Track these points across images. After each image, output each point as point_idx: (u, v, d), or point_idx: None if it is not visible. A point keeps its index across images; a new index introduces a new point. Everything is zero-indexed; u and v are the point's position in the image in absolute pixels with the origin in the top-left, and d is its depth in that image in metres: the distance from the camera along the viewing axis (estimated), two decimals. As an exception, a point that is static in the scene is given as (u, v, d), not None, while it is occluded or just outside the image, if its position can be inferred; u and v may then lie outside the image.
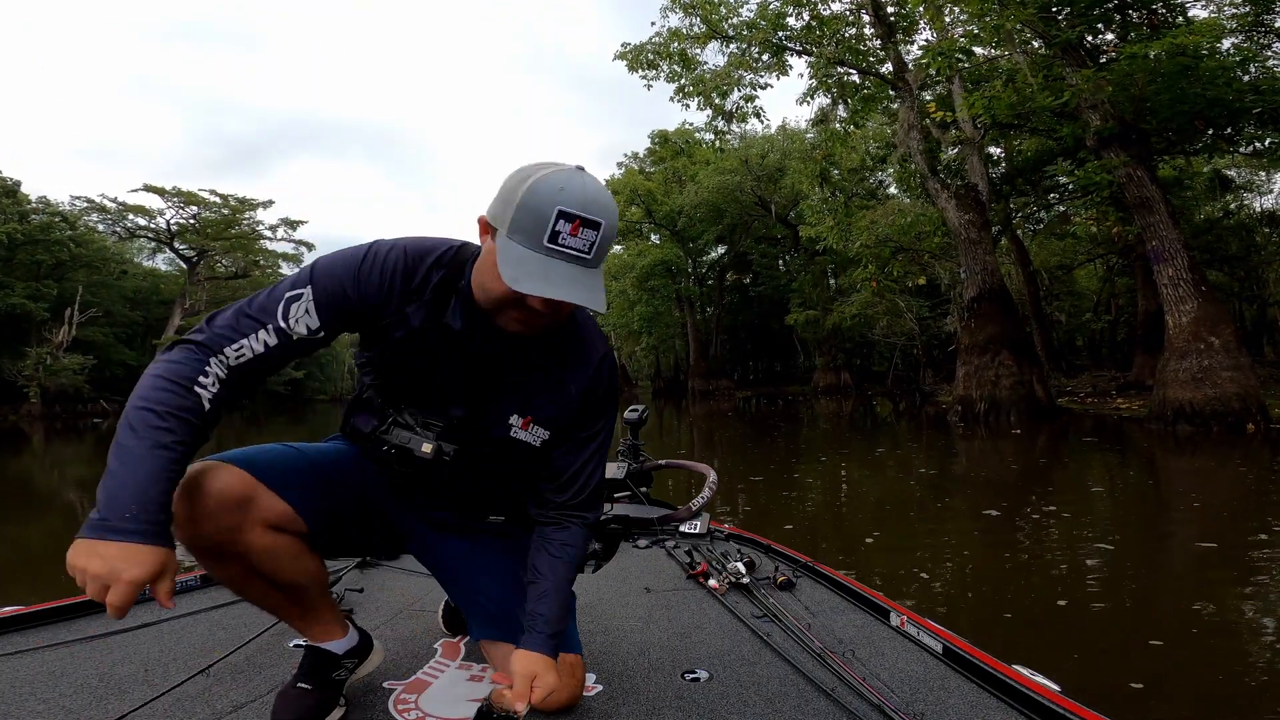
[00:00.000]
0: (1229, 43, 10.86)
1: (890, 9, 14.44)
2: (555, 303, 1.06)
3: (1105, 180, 10.57)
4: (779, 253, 35.10)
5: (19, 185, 30.84)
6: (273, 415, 31.62)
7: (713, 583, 2.03)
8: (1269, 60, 10.90)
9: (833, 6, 14.75)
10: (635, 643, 1.67)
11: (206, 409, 1.05)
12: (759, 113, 16.27)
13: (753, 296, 38.07)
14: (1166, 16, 10.98)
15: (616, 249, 40.58)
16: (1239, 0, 11.86)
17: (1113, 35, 11.73)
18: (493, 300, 1.11)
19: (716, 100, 15.73)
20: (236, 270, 38.95)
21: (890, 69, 14.60)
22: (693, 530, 2.57)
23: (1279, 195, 23.28)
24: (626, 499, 2.73)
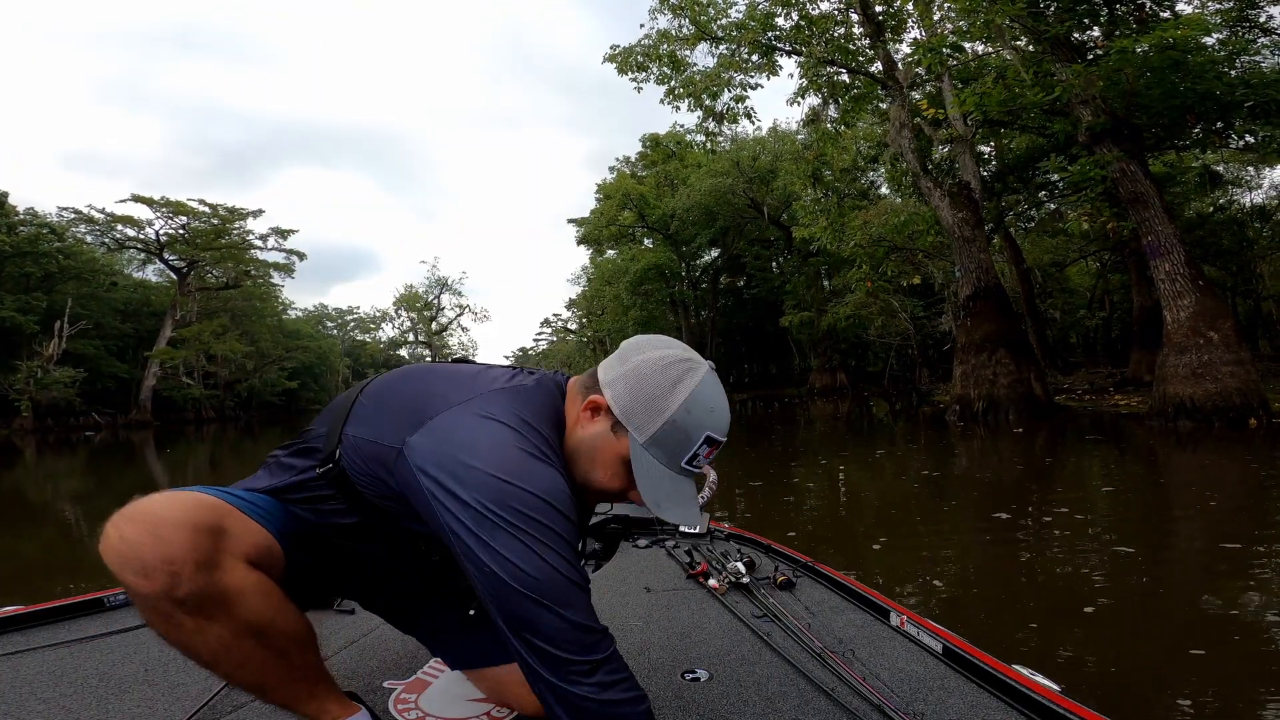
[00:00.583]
0: (1213, 38, 10.84)
1: (879, 8, 14.47)
2: None
3: (1099, 176, 10.54)
4: (772, 255, 35.08)
5: (6, 196, 30.62)
6: (268, 426, 31.46)
7: (713, 582, 2.03)
8: (1258, 54, 10.89)
9: (821, 6, 14.79)
10: (635, 643, 1.66)
11: None
12: (750, 113, 16.27)
13: (747, 299, 38.08)
14: (1154, 10, 10.98)
15: (610, 253, 40.58)
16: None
17: (1098, 31, 11.74)
18: (592, 489, 1.06)
19: (707, 101, 15.72)
20: (227, 280, 38.76)
21: (880, 68, 14.61)
22: (692, 530, 2.56)
23: (1269, 190, 23.40)
24: None
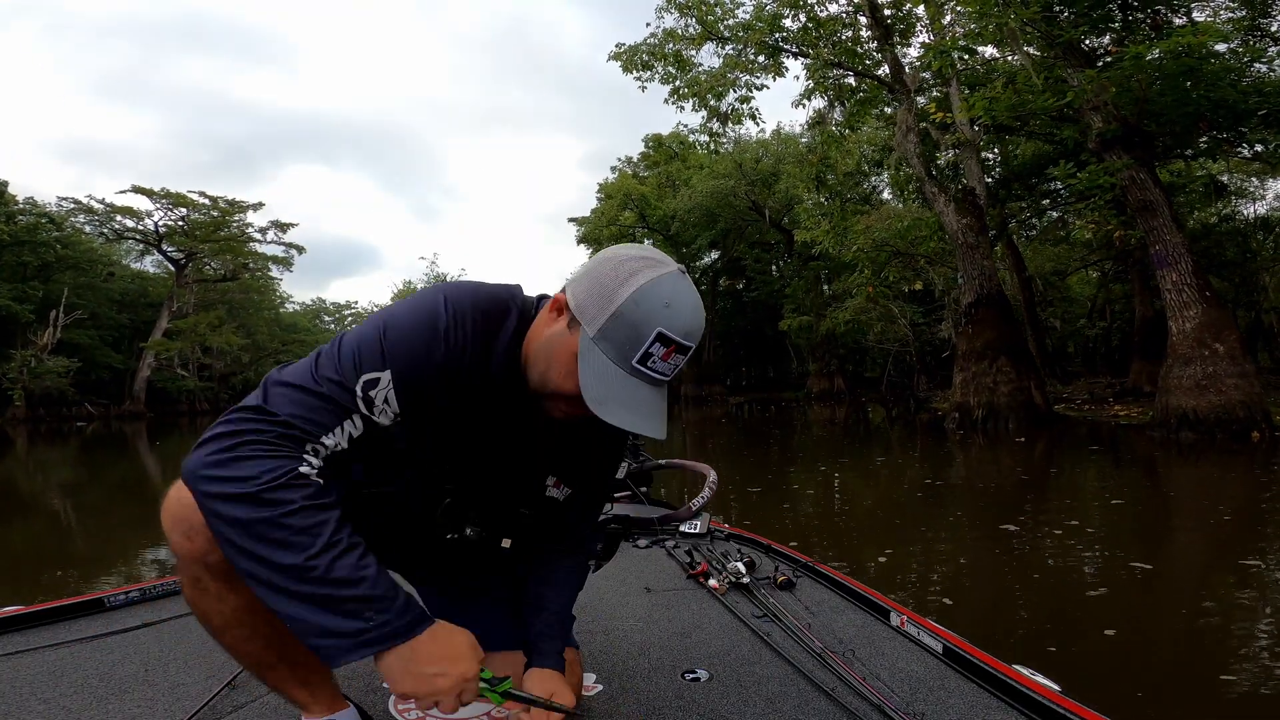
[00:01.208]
0: (1224, 46, 10.76)
1: (887, 11, 14.36)
2: None
3: (1108, 183, 10.41)
4: (772, 258, 35.02)
5: (5, 186, 30.49)
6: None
7: (713, 582, 2.02)
8: (1273, 62, 10.81)
9: (829, 8, 14.68)
10: (635, 643, 1.66)
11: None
12: (754, 114, 16.15)
13: (746, 302, 38.05)
14: (1169, 17, 10.88)
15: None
16: (1235, 4, 11.83)
17: (1109, 39, 11.65)
18: (549, 391, 1.01)
19: (711, 102, 15.60)
20: (225, 273, 38.61)
21: (887, 71, 14.50)
22: (693, 530, 2.55)
23: (1273, 201, 23.35)
24: (626, 499, 2.71)
